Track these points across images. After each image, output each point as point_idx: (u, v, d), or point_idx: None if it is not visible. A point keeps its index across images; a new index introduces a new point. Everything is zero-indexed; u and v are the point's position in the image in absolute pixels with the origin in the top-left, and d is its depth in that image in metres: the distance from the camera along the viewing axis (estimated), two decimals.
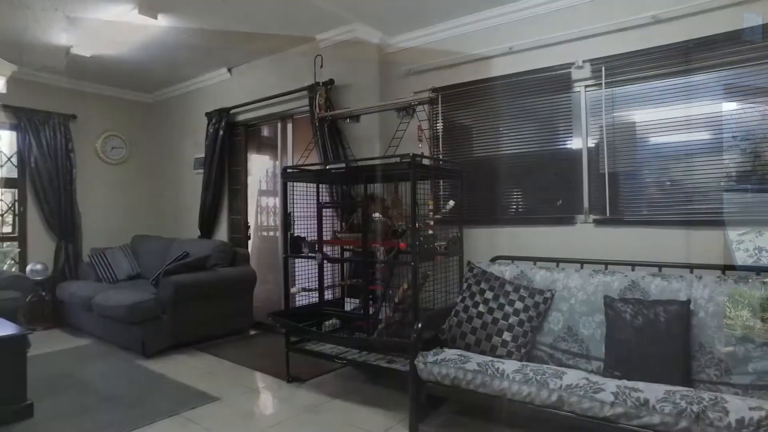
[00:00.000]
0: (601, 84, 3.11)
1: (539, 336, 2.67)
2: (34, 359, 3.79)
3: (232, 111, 4.97)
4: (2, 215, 5.09)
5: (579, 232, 3.18)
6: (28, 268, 4.92)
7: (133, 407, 2.86)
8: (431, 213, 3.11)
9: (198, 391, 3.11)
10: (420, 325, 2.55)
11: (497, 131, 3.53)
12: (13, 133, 5.12)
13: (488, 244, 3.53)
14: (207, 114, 5.15)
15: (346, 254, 3.76)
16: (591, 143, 3.18)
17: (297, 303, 3.61)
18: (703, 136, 2.80)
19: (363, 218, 3.05)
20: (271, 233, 5.21)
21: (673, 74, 2.88)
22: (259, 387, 3.23)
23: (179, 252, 4.66)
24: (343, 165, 3.13)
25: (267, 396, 3.08)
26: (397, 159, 2.83)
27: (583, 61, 3.15)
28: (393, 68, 4.03)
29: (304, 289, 3.53)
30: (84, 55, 4.49)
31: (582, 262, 2.96)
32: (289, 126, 4.75)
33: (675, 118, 2.87)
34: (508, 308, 2.64)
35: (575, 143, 3.23)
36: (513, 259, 3.24)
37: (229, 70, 5.05)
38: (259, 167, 5.33)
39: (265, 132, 5.33)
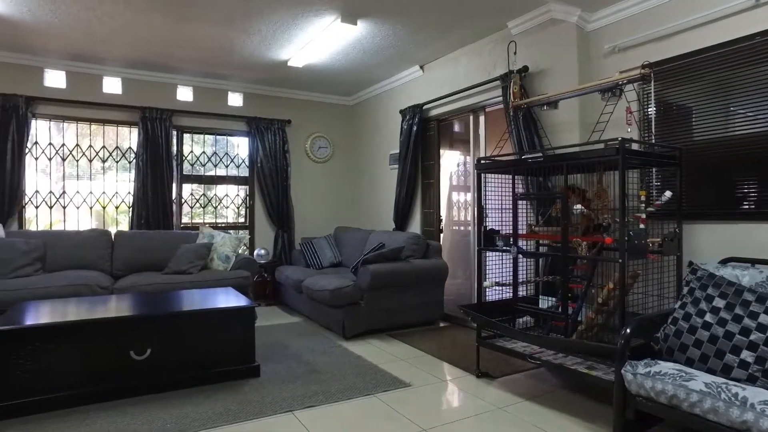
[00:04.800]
0: None
1: None
2: (258, 329, 4.46)
3: (425, 107, 5.10)
4: (238, 208, 6.11)
5: None
6: (255, 252, 5.83)
7: (335, 382, 3.12)
8: (643, 205, 2.73)
9: (390, 375, 3.26)
10: (629, 330, 2.25)
11: (727, 109, 2.94)
12: (246, 139, 6.10)
13: (715, 243, 2.97)
14: (401, 111, 5.38)
15: (542, 249, 3.55)
16: None
17: (488, 297, 3.53)
18: None
19: (562, 211, 2.83)
20: (462, 227, 5.22)
21: None
22: (447, 378, 3.24)
23: (376, 243, 4.98)
24: (540, 154, 2.93)
25: (456, 388, 3.07)
26: (603, 145, 2.55)
27: None
28: (594, 47, 3.66)
29: (497, 284, 3.44)
30: (297, 66, 5.09)
31: None
32: (482, 118, 4.68)
33: None
34: (748, 321, 2.17)
35: None
36: (753, 262, 2.67)
37: (421, 67, 5.19)
38: (451, 162, 5.38)
39: (456, 127, 5.36)
